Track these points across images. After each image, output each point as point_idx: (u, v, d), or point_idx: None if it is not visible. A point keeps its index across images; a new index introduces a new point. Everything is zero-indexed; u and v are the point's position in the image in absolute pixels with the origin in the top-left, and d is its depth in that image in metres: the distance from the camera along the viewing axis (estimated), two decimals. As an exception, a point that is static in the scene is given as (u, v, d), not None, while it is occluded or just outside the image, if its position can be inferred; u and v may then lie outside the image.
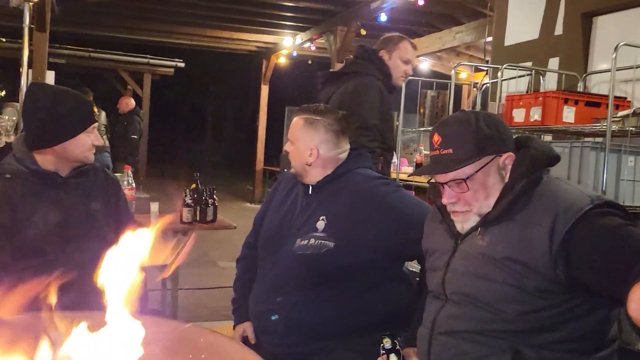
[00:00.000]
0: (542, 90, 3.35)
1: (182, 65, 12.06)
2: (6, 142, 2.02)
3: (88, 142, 1.96)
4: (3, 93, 11.91)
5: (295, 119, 2.02)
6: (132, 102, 9.11)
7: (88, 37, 11.08)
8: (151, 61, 11.79)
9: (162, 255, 1.10)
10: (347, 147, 2.03)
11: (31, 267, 1.78)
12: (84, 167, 2.01)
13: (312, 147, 1.94)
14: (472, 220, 1.47)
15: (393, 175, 3.59)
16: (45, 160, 1.92)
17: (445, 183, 1.46)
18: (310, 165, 1.96)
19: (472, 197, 1.45)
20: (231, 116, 21.73)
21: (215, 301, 4.67)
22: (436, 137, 1.47)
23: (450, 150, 1.44)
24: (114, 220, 2.08)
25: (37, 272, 1.78)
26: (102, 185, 2.10)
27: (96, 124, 2.00)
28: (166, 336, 1.10)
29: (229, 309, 2.16)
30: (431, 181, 1.55)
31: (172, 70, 12.22)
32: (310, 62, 11.13)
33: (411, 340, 1.65)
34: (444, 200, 1.48)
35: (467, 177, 1.43)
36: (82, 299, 1.25)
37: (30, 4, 6.00)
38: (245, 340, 2.01)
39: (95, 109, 2.02)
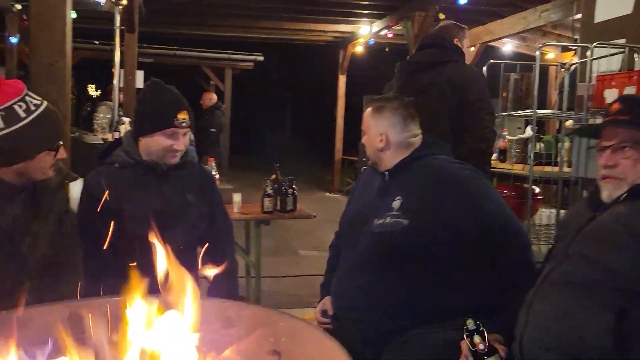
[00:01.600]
0: (637, 68, 3.13)
1: (261, 58, 12.32)
2: (118, 137, 2.25)
3: (165, 144, 2.04)
4: (98, 93, 12.68)
5: (366, 110, 2.10)
6: (214, 97, 9.44)
7: (173, 36, 11.56)
8: (232, 56, 12.15)
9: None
10: (418, 132, 2.07)
11: (133, 251, 1.92)
12: (182, 161, 2.14)
13: (381, 133, 2.02)
14: (621, 190, 1.50)
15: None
16: (144, 152, 2.09)
17: (610, 146, 1.52)
18: (382, 151, 2.03)
19: (630, 167, 1.49)
20: (309, 107, 21.95)
21: (296, 289, 4.76)
22: (616, 105, 1.54)
23: (628, 117, 1.50)
24: (208, 213, 2.21)
25: (138, 256, 1.92)
26: (198, 179, 2.24)
27: (178, 130, 2.04)
28: (248, 319, 1.14)
29: (310, 297, 2.23)
30: (598, 144, 1.59)
31: (252, 64, 12.52)
32: (387, 49, 11.00)
33: (500, 327, 1.63)
34: (602, 162, 1.53)
35: (637, 143, 1.47)
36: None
37: (120, 7, 6.35)
38: (325, 313, 2.11)
39: (186, 116, 2.05)
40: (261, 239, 4.15)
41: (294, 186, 4.16)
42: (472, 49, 8.52)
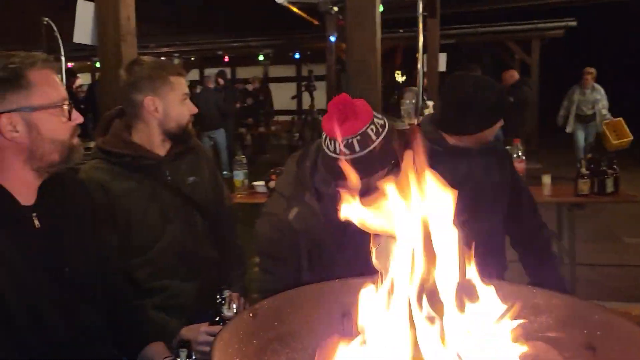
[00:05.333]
0: None
1: (574, 24, 11.23)
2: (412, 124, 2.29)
3: (497, 127, 2.08)
4: (404, 78, 13.41)
5: None
6: (514, 75, 8.97)
7: (474, 13, 11.44)
8: (539, 25, 11.38)
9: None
10: None
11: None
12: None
13: None
14: None
15: None
16: (459, 140, 2.07)
17: None
18: None
19: None
20: (634, 72, 19.12)
21: (617, 280, 4.25)
22: None
23: None
24: (510, 194, 2.19)
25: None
26: (501, 159, 2.22)
27: None
28: (559, 309, 1.08)
29: (634, 290, 1.96)
30: None
31: (562, 31, 11.52)
32: None
33: None
34: None
35: None
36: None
37: (424, -6, 6.58)
38: None
39: None
40: (575, 223, 3.85)
41: (614, 165, 3.72)
42: None
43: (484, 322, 1.00)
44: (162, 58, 1.92)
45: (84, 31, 2.67)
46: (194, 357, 1.32)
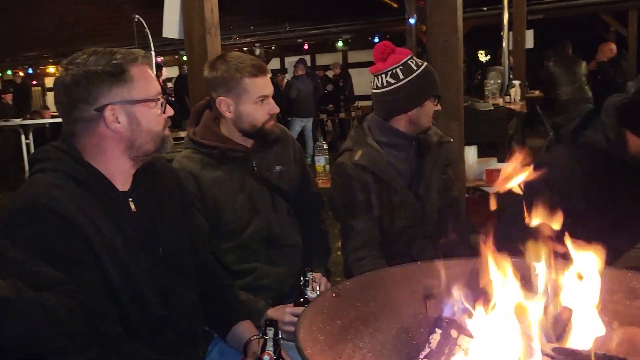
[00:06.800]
0: None
1: (677, -10, 10.34)
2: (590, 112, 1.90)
3: None
4: (488, 58, 12.92)
5: None
6: (614, 48, 8.34)
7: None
8: (638, -5, 10.57)
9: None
10: None
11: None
12: None
13: None
14: None
15: None
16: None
17: None
18: None
19: None
20: None
21: None
22: None
23: None
24: None
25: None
26: None
27: None
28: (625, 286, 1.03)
29: None
30: None
31: (663, -1, 10.64)
32: None
33: None
34: None
35: None
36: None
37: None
38: None
39: None
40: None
41: None
42: None
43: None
44: (245, 49, 1.94)
45: (172, 26, 2.78)
46: (280, 336, 1.36)
